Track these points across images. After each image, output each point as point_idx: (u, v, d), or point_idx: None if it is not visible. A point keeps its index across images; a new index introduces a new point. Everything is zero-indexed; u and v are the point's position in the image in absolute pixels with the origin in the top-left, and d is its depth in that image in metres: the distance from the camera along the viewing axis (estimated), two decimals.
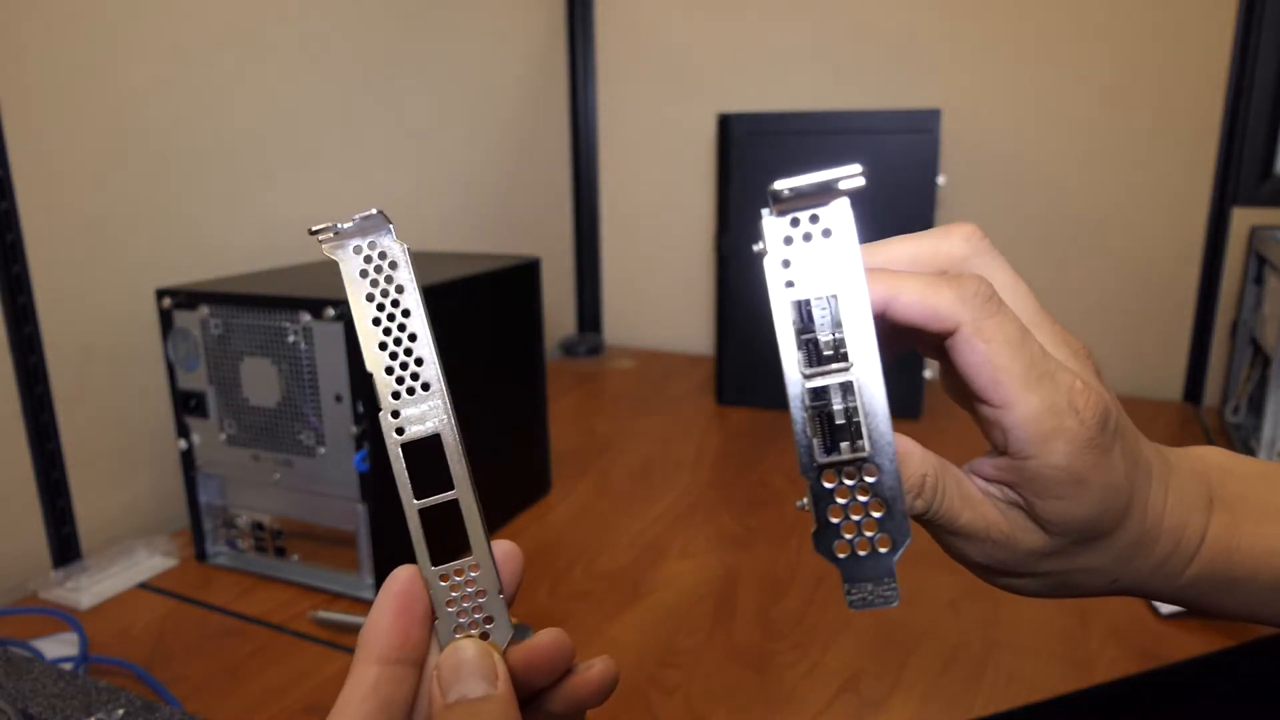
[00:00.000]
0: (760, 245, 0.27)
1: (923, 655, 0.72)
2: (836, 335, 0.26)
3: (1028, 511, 0.29)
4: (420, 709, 0.28)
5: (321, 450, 0.78)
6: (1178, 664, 0.67)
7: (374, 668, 0.27)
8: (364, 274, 0.28)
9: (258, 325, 0.78)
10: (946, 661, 0.71)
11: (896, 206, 1.18)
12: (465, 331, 0.88)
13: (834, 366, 0.26)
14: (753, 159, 1.25)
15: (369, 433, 0.75)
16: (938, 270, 0.29)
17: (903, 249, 0.29)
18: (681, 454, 1.17)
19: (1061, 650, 0.72)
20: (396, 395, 0.28)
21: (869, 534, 0.27)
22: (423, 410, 0.28)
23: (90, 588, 0.81)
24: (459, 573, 0.29)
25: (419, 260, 0.28)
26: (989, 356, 0.27)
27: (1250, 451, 1.09)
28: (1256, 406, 1.13)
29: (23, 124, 0.82)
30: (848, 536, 0.27)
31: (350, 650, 0.73)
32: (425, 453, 0.28)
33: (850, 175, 0.25)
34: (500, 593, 0.29)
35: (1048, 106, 1.39)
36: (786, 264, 0.26)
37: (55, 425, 0.86)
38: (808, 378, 0.26)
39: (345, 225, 0.27)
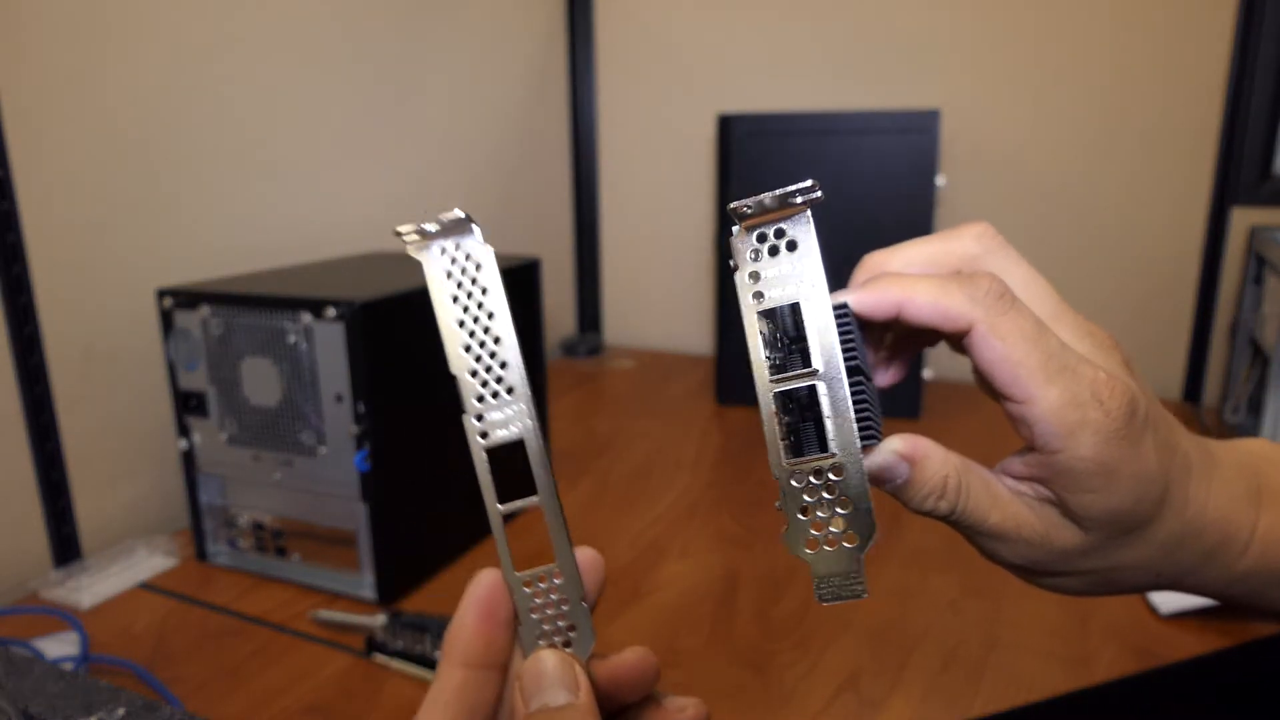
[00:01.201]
0: (733, 262, 0.28)
1: (922, 654, 0.72)
2: (802, 344, 0.28)
3: (1061, 508, 0.29)
4: (504, 713, 0.29)
5: (322, 450, 0.78)
6: (1177, 663, 0.68)
7: (460, 670, 0.28)
8: (449, 275, 0.28)
9: (258, 325, 0.78)
10: (946, 661, 0.71)
11: (896, 207, 1.17)
12: None
13: (799, 372, 0.28)
14: (753, 159, 1.25)
15: (369, 432, 0.75)
16: (952, 270, 0.29)
17: (917, 251, 0.30)
18: (681, 454, 1.17)
19: (1061, 649, 0.72)
20: (480, 399, 0.28)
21: (835, 530, 0.28)
22: (507, 415, 0.28)
23: (91, 587, 0.81)
24: (542, 579, 0.29)
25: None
26: (1005, 353, 0.27)
27: None
28: (1256, 406, 1.13)
29: (23, 124, 0.82)
30: (815, 533, 0.28)
31: (350, 650, 0.73)
32: (500, 457, 0.28)
33: (808, 189, 0.26)
34: (583, 600, 0.29)
35: (1048, 106, 1.39)
36: (755, 277, 0.28)
37: (56, 425, 0.86)
38: (774, 384, 0.28)
39: (431, 228, 0.27)
